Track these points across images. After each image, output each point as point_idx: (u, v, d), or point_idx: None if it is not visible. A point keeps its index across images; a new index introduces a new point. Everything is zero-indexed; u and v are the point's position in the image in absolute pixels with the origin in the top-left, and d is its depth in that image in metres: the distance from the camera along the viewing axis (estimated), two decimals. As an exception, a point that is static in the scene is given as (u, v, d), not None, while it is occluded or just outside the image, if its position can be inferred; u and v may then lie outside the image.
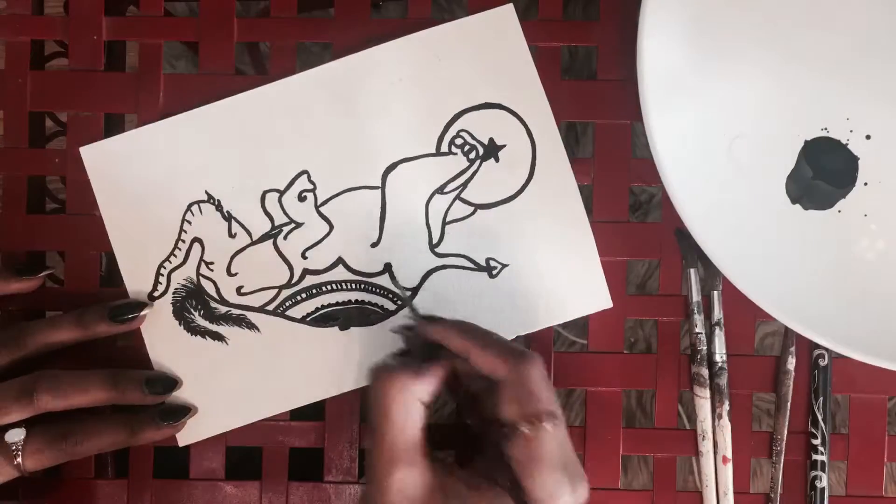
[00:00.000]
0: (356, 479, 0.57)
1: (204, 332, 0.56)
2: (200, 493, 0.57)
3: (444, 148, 0.55)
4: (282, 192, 0.55)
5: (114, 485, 0.57)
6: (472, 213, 0.56)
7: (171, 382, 0.55)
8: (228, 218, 0.55)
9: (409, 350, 0.52)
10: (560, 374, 0.56)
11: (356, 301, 0.56)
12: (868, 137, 0.54)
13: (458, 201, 0.56)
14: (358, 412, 0.56)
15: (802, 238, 0.54)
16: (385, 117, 0.55)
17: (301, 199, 0.55)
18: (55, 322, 0.53)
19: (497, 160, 0.55)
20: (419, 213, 0.56)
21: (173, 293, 0.56)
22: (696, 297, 0.56)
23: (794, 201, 0.54)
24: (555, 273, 0.55)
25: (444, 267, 0.55)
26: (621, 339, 0.56)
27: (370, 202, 0.56)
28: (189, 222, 0.55)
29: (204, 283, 0.55)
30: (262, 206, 0.56)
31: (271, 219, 0.55)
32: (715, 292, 0.55)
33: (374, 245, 0.56)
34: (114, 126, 0.59)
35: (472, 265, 0.55)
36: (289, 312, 0.55)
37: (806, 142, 0.54)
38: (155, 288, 0.56)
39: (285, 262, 0.55)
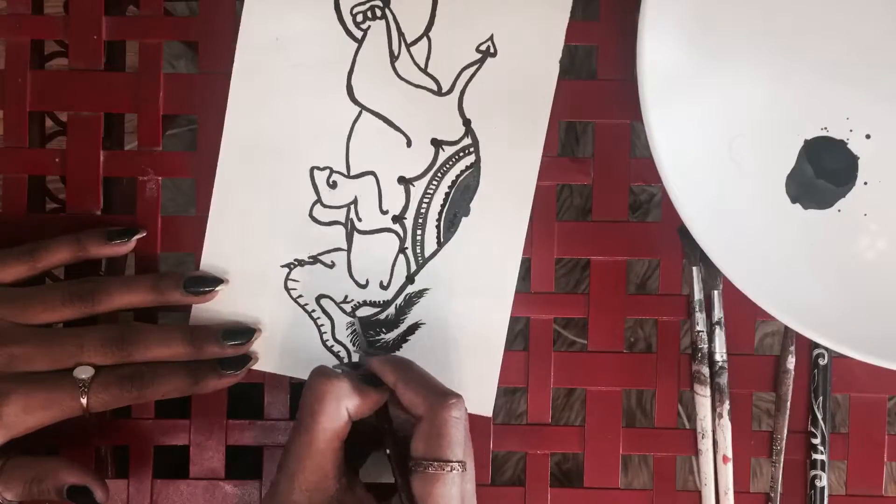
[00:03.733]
0: (356, 479, 0.57)
1: None
2: (200, 493, 0.57)
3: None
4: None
5: (114, 484, 0.56)
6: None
7: (249, 332, 0.55)
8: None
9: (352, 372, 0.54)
10: (560, 374, 0.56)
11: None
12: (868, 137, 0.54)
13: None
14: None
15: (802, 237, 0.54)
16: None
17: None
18: (131, 284, 0.54)
19: None
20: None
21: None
22: (697, 295, 0.56)
23: (793, 201, 0.54)
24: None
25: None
26: (621, 339, 0.56)
27: None
28: None
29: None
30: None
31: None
32: (715, 292, 0.56)
33: None
34: (114, 126, 0.59)
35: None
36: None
37: (806, 141, 0.54)
38: None
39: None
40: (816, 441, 0.55)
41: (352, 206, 0.56)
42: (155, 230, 0.57)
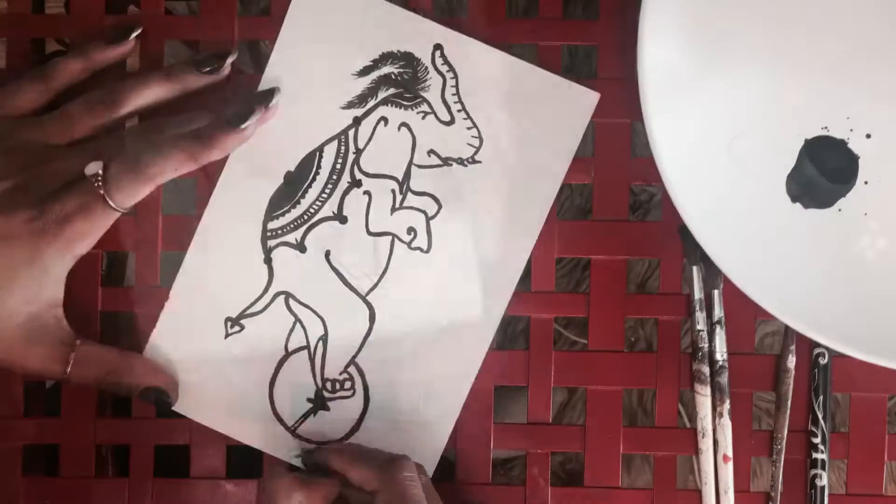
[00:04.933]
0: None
1: None
2: (201, 492, 0.57)
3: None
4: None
5: (114, 483, 0.57)
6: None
7: (224, 53, 0.55)
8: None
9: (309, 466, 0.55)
10: (560, 374, 0.56)
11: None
12: (868, 136, 0.54)
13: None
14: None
15: (803, 237, 0.54)
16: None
17: None
18: (144, 77, 0.54)
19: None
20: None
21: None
22: (698, 294, 0.56)
23: (794, 200, 0.54)
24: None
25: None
26: (622, 338, 0.56)
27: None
28: None
29: None
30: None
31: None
32: (716, 291, 0.56)
33: None
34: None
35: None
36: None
37: (806, 140, 0.54)
38: None
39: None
40: (817, 440, 0.55)
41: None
42: (155, 229, 0.57)
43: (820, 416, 0.55)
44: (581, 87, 0.55)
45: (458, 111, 0.56)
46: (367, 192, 0.56)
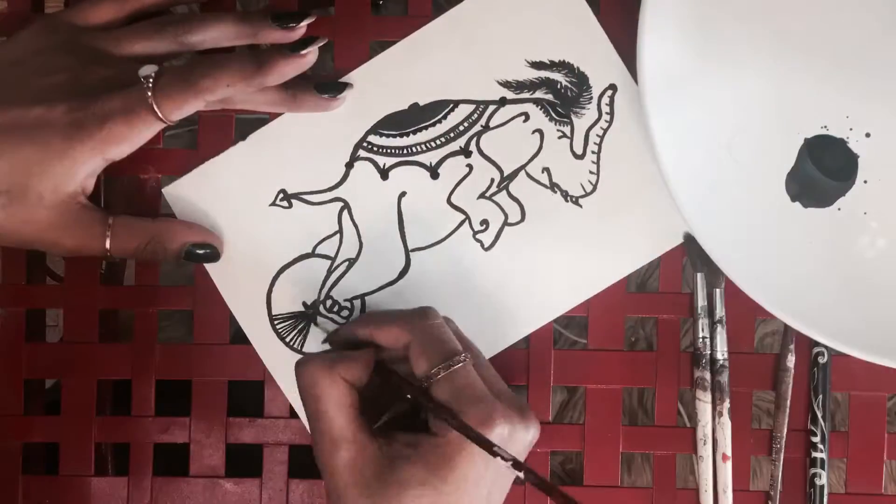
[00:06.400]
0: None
1: None
2: (200, 491, 0.57)
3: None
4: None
5: (114, 482, 0.57)
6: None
7: (303, 14, 0.54)
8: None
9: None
10: (561, 372, 0.56)
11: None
12: (868, 135, 0.54)
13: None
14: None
15: (802, 236, 0.54)
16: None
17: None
18: (218, 15, 0.54)
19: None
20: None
21: None
22: (701, 301, 0.56)
23: (793, 199, 0.54)
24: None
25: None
26: (622, 337, 0.56)
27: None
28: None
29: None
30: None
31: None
32: (717, 290, 0.55)
33: None
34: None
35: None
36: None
37: (806, 140, 0.55)
38: None
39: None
40: (816, 439, 0.55)
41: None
42: (155, 228, 0.57)
43: (819, 416, 0.55)
44: None
45: (593, 152, 0.55)
46: (469, 166, 0.56)
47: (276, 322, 0.56)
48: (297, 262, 0.56)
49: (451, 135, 0.56)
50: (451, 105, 0.56)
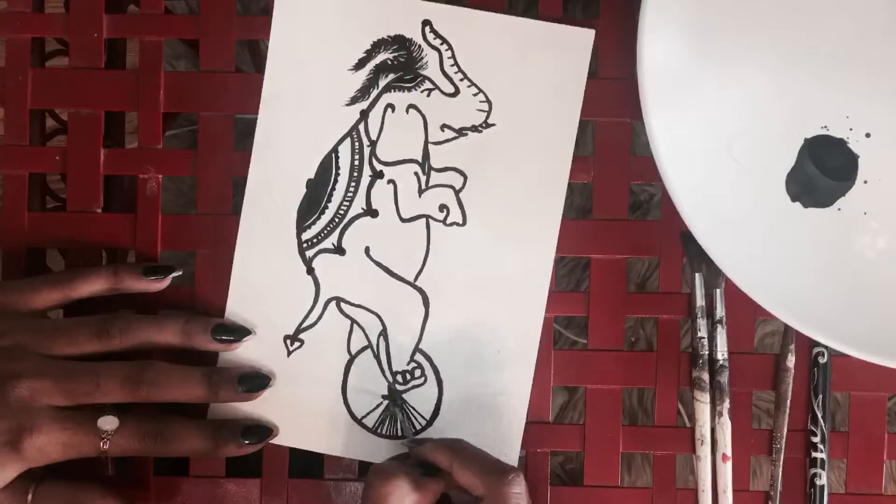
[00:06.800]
0: (356, 477, 0.57)
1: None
2: (201, 491, 0.57)
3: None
4: None
5: (114, 482, 0.56)
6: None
7: (264, 379, 0.55)
8: None
9: (409, 456, 0.54)
10: (560, 373, 0.56)
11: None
12: (868, 135, 0.54)
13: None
14: (358, 410, 0.57)
15: (802, 236, 0.54)
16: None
17: None
18: (161, 324, 0.54)
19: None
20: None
21: None
22: (700, 301, 0.56)
23: (794, 199, 0.54)
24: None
25: None
26: (622, 337, 0.56)
27: None
28: None
29: None
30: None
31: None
32: (717, 290, 0.55)
33: None
34: (115, 124, 0.59)
35: None
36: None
37: (806, 140, 0.55)
38: None
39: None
40: (816, 439, 0.55)
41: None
42: (155, 228, 0.57)
43: (819, 416, 0.55)
44: (574, 27, 0.55)
45: (461, 80, 0.55)
46: (391, 182, 0.56)
47: (378, 430, 0.56)
48: (348, 373, 0.56)
49: (355, 174, 0.56)
50: (333, 154, 0.56)
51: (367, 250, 0.56)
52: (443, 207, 0.56)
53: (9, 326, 0.52)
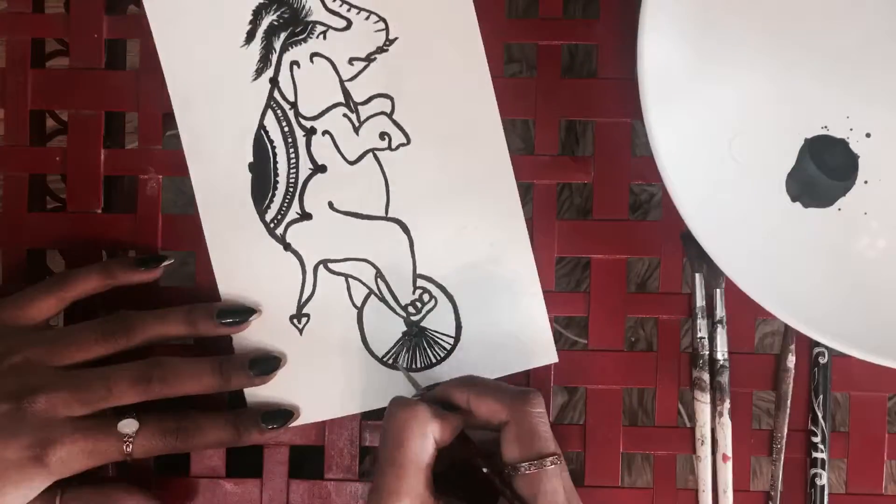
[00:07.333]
0: (356, 477, 0.57)
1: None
2: (201, 491, 0.57)
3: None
4: None
5: (114, 482, 0.56)
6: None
7: (274, 361, 0.55)
8: None
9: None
10: (561, 373, 0.56)
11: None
12: (868, 135, 0.54)
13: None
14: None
15: (803, 236, 0.54)
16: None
17: None
18: (165, 317, 0.54)
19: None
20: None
21: None
22: (700, 301, 0.56)
23: (794, 199, 0.54)
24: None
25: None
26: (622, 338, 0.56)
27: None
28: None
29: None
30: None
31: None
32: (717, 290, 0.56)
33: None
34: (115, 124, 0.59)
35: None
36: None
37: (806, 140, 0.55)
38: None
39: None
40: (816, 439, 0.55)
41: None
42: (155, 229, 0.57)
43: (820, 416, 0.55)
44: None
45: (348, 11, 0.56)
46: (325, 132, 0.56)
47: (410, 369, 0.56)
48: (363, 327, 0.56)
49: (290, 139, 0.56)
50: (261, 130, 0.56)
51: (330, 205, 0.56)
52: (383, 135, 0.56)
53: (16, 343, 0.52)
